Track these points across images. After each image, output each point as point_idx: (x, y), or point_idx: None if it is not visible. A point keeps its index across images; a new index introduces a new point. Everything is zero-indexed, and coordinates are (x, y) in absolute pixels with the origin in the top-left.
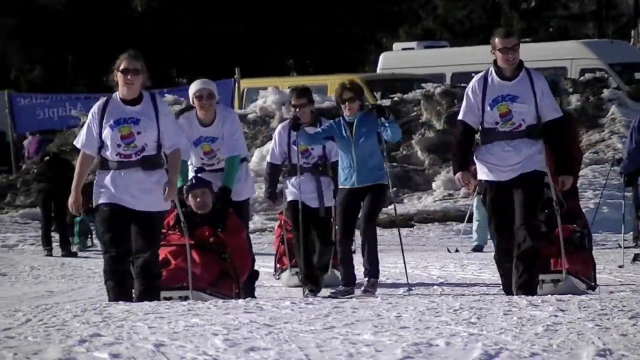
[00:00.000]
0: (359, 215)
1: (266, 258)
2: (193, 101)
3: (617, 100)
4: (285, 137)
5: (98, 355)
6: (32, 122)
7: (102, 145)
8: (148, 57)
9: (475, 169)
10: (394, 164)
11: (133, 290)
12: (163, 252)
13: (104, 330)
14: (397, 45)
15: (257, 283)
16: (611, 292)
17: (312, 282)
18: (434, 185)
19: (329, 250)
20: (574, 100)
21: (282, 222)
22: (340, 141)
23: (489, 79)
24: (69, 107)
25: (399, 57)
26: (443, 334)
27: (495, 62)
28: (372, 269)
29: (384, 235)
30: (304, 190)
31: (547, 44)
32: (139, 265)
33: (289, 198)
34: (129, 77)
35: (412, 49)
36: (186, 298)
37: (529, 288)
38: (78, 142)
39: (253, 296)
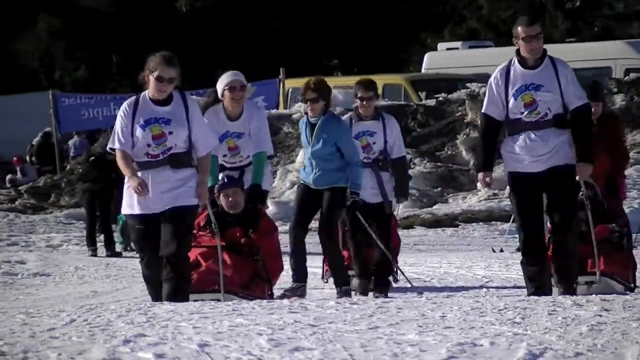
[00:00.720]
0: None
1: (311, 257)
2: (223, 94)
3: None
4: None
5: (142, 356)
6: (76, 122)
7: (132, 145)
8: (191, 57)
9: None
10: (439, 163)
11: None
12: (193, 254)
13: (148, 331)
14: (441, 45)
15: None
16: None
17: (365, 293)
18: (478, 185)
19: (388, 247)
20: (619, 100)
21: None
22: (303, 140)
23: (512, 69)
24: (114, 107)
25: (443, 57)
26: (487, 334)
27: (518, 51)
28: (337, 277)
29: (427, 235)
30: (364, 187)
31: (592, 44)
32: (166, 261)
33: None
34: (163, 85)
35: (457, 48)
36: (217, 301)
37: (568, 284)
38: (114, 144)
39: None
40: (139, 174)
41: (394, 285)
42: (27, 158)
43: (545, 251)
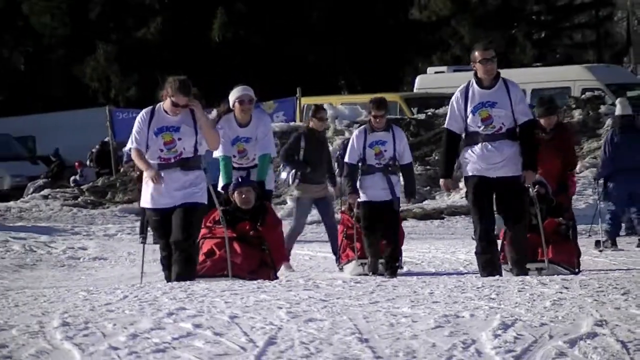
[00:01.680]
0: None
1: (323, 244)
2: (234, 105)
3: (612, 114)
4: (361, 141)
5: (183, 325)
6: (129, 132)
7: (146, 148)
8: (221, 78)
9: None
10: (428, 167)
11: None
12: (209, 244)
13: (188, 305)
14: (430, 69)
15: (315, 266)
16: (606, 272)
17: (376, 271)
18: (460, 184)
19: (396, 241)
20: (577, 115)
21: (345, 219)
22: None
23: (470, 89)
24: None
25: (432, 79)
26: (468, 307)
27: (475, 73)
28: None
29: (418, 226)
30: (376, 187)
31: (555, 68)
32: (174, 247)
33: (361, 199)
34: (177, 109)
35: (443, 72)
36: (244, 280)
37: (521, 265)
38: (132, 143)
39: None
40: None
41: (402, 269)
42: (88, 162)
43: (495, 242)
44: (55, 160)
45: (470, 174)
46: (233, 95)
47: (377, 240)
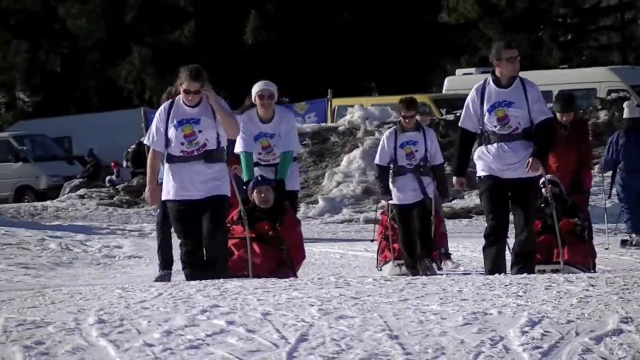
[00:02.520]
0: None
1: (353, 243)
2: (255, 99)
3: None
4: (392, 142)
5: (216, 322)
6: None
7: (167, 143)
8: (255, 80)
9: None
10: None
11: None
12: (228, 244)
13: (221, 302)
14: (459, 71)
15: (346, 264)
16: (631, 270)
17: (414, 271)
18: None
19: (429, 238)
20: (602, 115)
21: (384, 220)
22: None
23: (487, 88)
24: None
25: (460, 81)
26: (496, 305)
27: (493, 72)
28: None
29: (447, 224)
30: (407, 189)
31: (580, 70)
32: (208, 245)
33: (394, 202)
34: (190, 97)
35: (471, 73)
36: (276, 278)
37: (526, 263)
38: (149, 141)
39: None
40: (176, 166)
41: (438, 272)
42: (123, 163)
43: (503, 240)
44: (91, 160)
45: (484, 173)
46: (254, 90)
47: (412, 241)
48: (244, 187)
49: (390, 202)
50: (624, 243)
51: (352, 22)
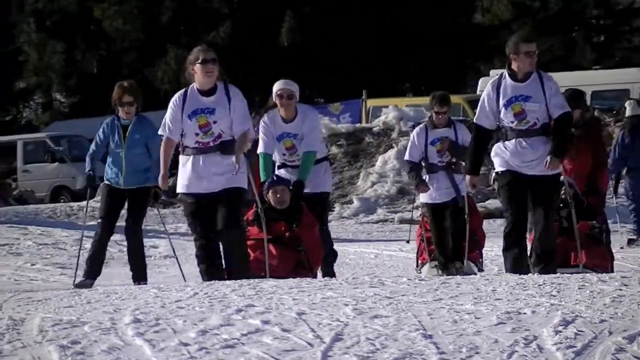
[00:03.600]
0: (127, 220)
1: (388, 243)
2: (275, 99)
3: None
4: (423, 138)
5: (251, 322)
6: None
7: (182, 133)
8: (294, 81)
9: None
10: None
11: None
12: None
13: (256, 302)
14: (492, 72)
15: (380, 264)
16: None
17: (447, 272)
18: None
19: (462, 237)
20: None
21: (423, 222)
22: (112, 139)
23: (503, 82)
24: None
25: None
26: (529, 304)
27: (509, 65)
28: (138, 274)
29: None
30: (440, 187)
31: (614, 71)
32: (226, 240)
33: (426, 200)
34: (209, 66)
35: None
36: (312, 278)
37: (547, 264)
38: (163, 130)
39: (333, 276)
40: (191, 157)
41: (478, 273)
42: None
43: (524, 239)
44: None
45: (502, 169)
46: (274, 89)
47: (445, 240)
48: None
49: (423, 200)
50: (630, 242)
51: (387, 24)
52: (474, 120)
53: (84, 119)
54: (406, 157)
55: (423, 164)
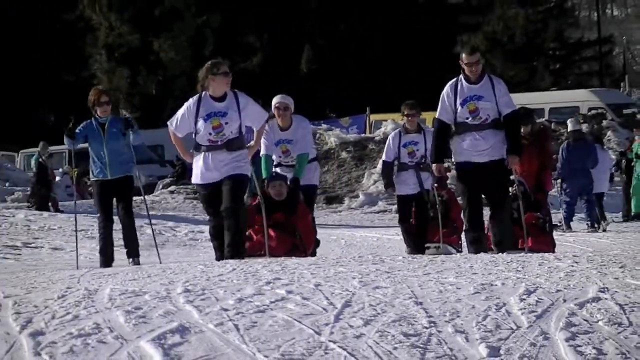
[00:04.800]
0: (120, 207)
1: (387, 229)
2: (273, 110)
3: (612, 127)
4: (397, 142)
5: (278, 292)
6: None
7: (196, 132)
8: (310, 100)
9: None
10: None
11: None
12: (247, 231)
13: (282, 275)
14: None
15: (381, 245)
16: (606, 250)
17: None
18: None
19: (425, 225)
20: (585, 127)
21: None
22: (92, 139)
23: (459, 84)
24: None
25: None
26: (500, 278)
27: (463, 70)
28: (132, 251)
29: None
30: (408, 182)
31: (567, 92)
32: (225, 213)
33: (397, 192)
34: (230, 77)
35: None
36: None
37: (503, 247)
38: (172, 125)
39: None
40: (203, 155)
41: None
42: None
43: (482, 222)
44: (179, 163)
45: (460, 160)
46: (273, 101)
47: (411, 227)
48: (262, 183)
49: (396, 193)
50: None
51: (387, 55)
52: (436, 116)
53: (144, 130)
54: (383, 157)
55: (396, 163)
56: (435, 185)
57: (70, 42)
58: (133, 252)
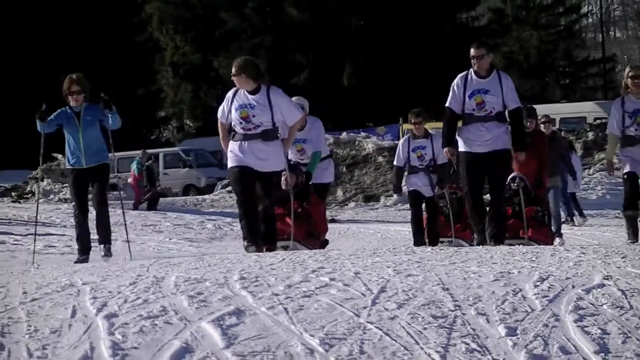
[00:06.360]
0: (93, 193)
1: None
2: None
3: None
4: (406, 147)
5: (322, 279)
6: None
7: (232, 121)
8: (351, 111)
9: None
10: None
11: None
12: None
13: (325, 265)
14: None
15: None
16: (610, 243)
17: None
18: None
19: (437, 223)
20: (590, 135)
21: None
22: (68, 127)
23: (469, 77)
24: None
25: None
26: (516, 267)
27: (473, 65)
28: (104, 238)
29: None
30: (419, 183)
31: (575, 104)
32: (260, 212)
33: (410, 189)
34: (237, 77)
35: None
36: (287, 247)
37: (498, 238)
38: (219, 113)
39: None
40: (239, 142)
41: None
42: None
43: (484, 210)
44: None
45: (464, 150)
46: None
47: (421, 225)
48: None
49: (405, 194)
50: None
51: (417, 72)
52: (446, 105)
53: (205, 137)
54: (395, 162)
55: (406, 167)
56: (451, 185)
57: (141, 61)
58: (104, 239)
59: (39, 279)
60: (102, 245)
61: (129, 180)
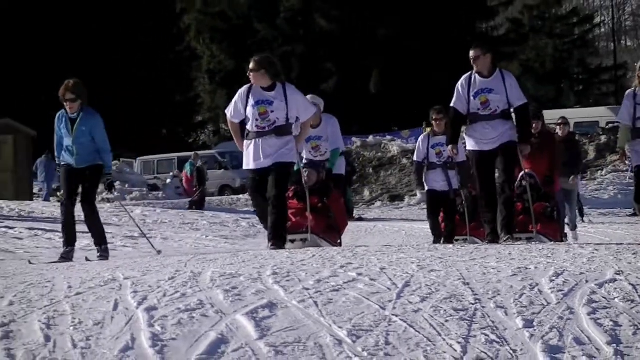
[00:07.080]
0: (82, 193)
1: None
2: None
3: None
4: (425, 144)
5: (350, 274)
6: None
7: (245, 119)
8: (376, 116)
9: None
10: None
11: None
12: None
13: (353, 261)
14: None
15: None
16: (621, 240)
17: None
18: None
19: (453, 221)
20: (603, 138)
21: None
22: (62, 129)
23: (473, 77)
24: None
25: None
26: (533, 262)
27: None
28: (98, 239)
29: None
30: (437, 180)
31: (589, 109)
32: (271, 201)
33: (427, 187)
34: (255, 72)
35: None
36: (305, 240)
37: (509, 228)
38: (229, 112)
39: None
40: (253, 141)
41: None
42: None
43: (495, 204)
44: None
45: (472, 149)
46: None
47: (438, 222)
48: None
49: (424, 190)
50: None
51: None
52: (451, 105)
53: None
54: (414, 158)
55: (425, 163)
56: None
57: (179, 69)
58: (99, 241)
59: (83, 274)
60: (98, 247)
61: (182, 181)
